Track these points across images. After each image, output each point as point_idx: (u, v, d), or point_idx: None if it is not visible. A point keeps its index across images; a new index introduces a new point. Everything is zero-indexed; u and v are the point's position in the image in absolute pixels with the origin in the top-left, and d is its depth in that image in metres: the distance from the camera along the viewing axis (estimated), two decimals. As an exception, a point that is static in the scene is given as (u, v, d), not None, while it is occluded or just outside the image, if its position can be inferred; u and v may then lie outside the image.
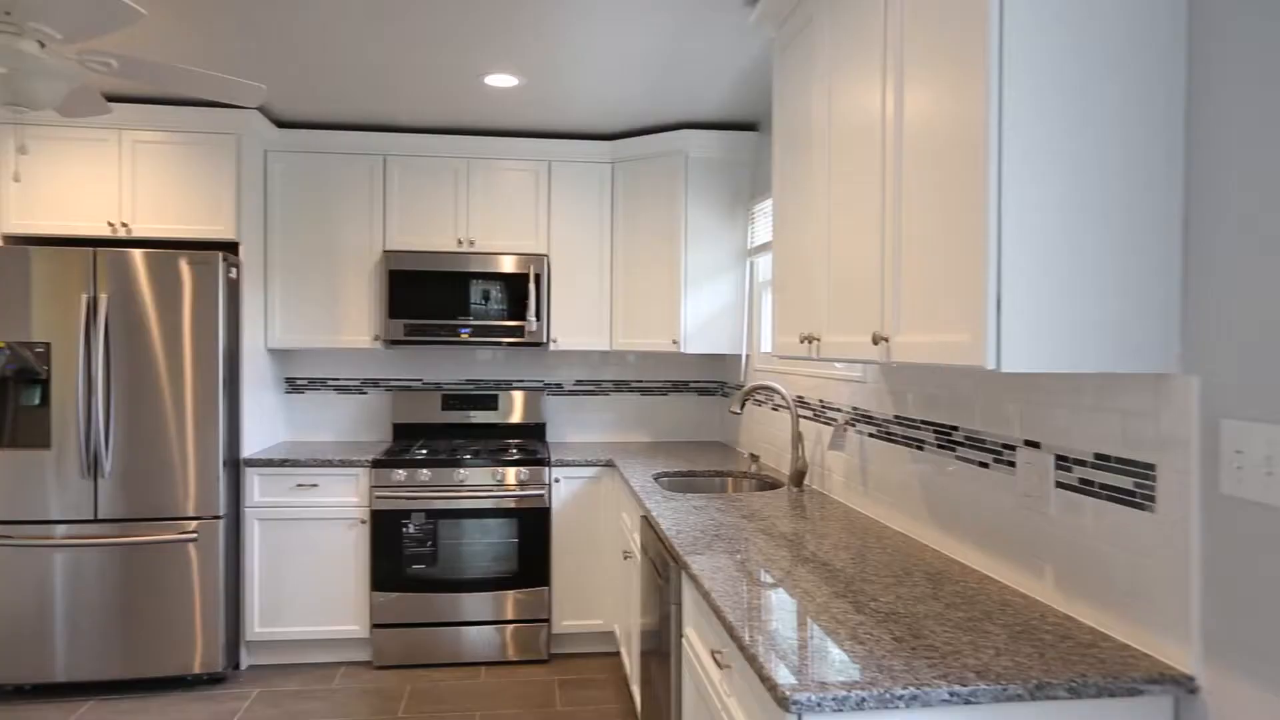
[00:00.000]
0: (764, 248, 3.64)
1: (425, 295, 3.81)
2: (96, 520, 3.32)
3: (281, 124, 3.82)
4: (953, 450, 2.05)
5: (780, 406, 3.44)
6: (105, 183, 3.47)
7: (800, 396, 3.19)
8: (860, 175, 1.83)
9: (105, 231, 3.47)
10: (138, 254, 3.31)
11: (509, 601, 3.67)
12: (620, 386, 4.39)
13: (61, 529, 3.30)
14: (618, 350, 4.07)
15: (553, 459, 3.72)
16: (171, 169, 3.51)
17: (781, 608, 1.63)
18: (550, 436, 4.34)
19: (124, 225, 3.48)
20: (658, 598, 2.46)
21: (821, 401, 2.98)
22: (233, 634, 3.52)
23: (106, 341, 3.30)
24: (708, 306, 3.83)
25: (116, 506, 3.33)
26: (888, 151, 1.68)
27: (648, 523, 2.68)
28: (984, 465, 1.91)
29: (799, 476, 3.00)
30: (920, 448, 2.22)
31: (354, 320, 3.88)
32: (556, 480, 3.71)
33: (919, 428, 2.23)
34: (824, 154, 2.05)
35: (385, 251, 3.84)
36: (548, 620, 3.70)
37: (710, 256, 3.82)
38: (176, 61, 3.03)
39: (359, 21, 2.65)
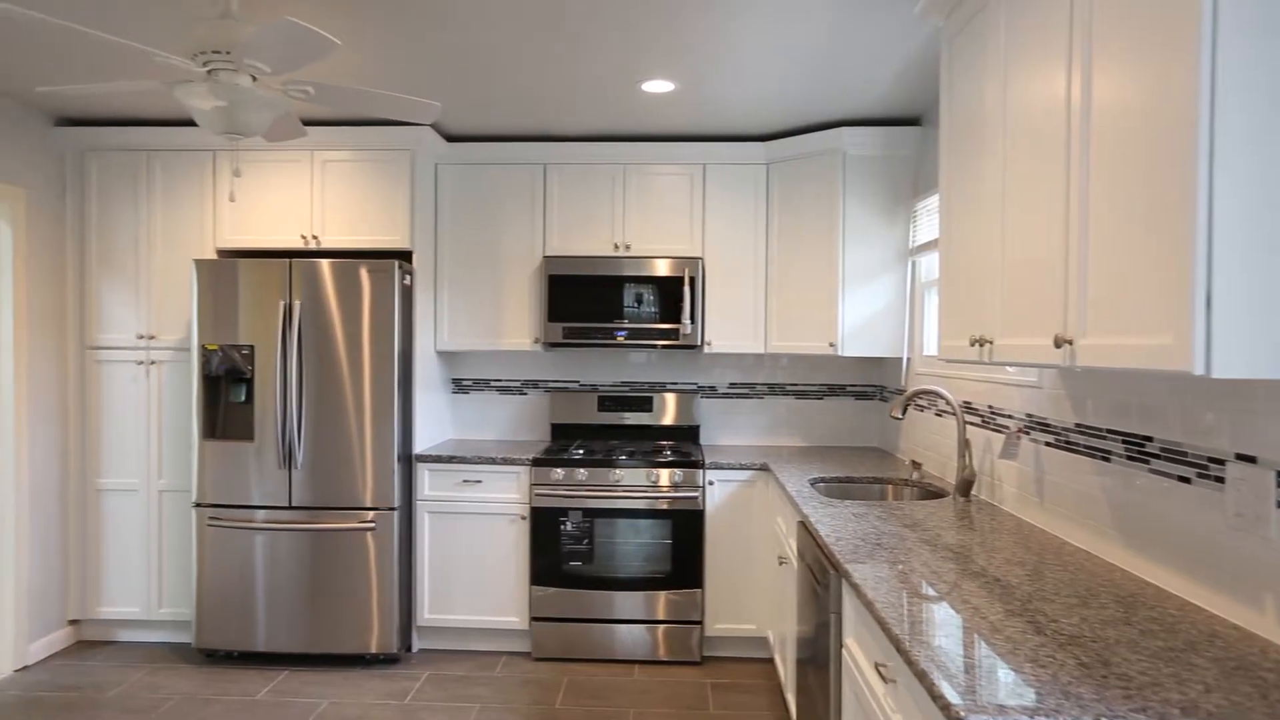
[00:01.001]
0: (928, 246, 3.48)
1: (583, 299, 3.92)
2: (290, 507, 3.64)
3: (451, 138, 4.04)
4: (1145, 463, 1.88)
5: (945, 412, 3.28)
6: (299, 199, 3.81)
7: (967, 402, 3.03)
8: (1039, 166, 1.71)
9: (298, 244, 3.81)
10: (325, 264, 3.60)
11: (661, 602, 3.70)
12: (774, 389, 4.34)
13: (261, 514, 3.65)
14: (772, 353, 4.03)
15: (706, 461, 3.72)
16: (354, 184, 3.80)
17: (950, 623, 1.55)
18: (703, 439, 4.35)
19: (314, 237, 3.80)
20: (815, 605, 2.41)
21: (991, 407, 2.82)
22: (405, 619, 3.76)
23: (299, 344, 3.61)
24: (866, 308, 3.71)
25: (306, 495, 3.63)
26: (1073, 139, 1.56)
27: (805, 528, 2.63)
28: (1184, 480, 1.74)
29: (966, 486, 2.85)
30: (1106, 459, 2.05)
31: (515, 323, 4.05)
32: (710, 483, 3.71)
33: (1105, 437, 2.06)
34: (998, 145, 1.93)
35: (545, 257, 3.99)
36: (700, 623, 3.71)
37: (869, 256, 3.70)
38: (356, 84, 3.27)
39: (524, 38, 2.76)
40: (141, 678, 3.54)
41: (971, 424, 2.98)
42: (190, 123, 3.84)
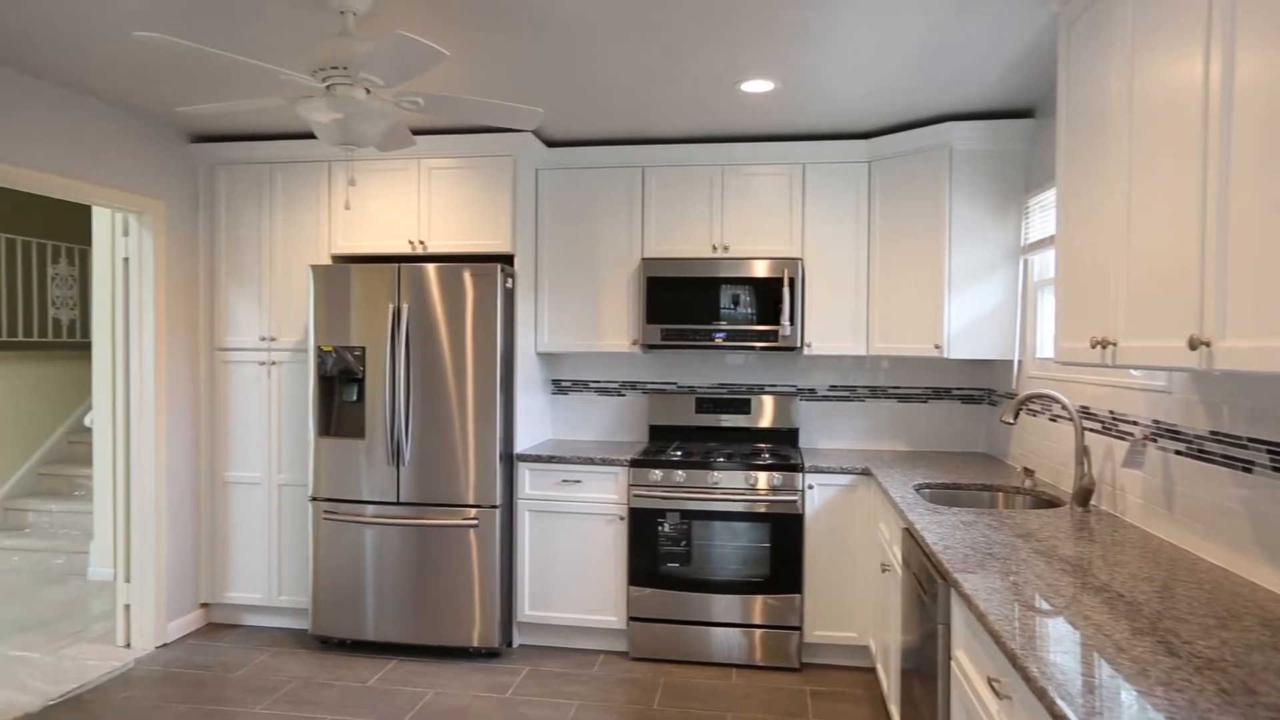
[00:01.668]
0: (1041, 244, 3.33)
1: (681, 301, 3.93)
2: (398, 503, 3.78)
3: (551, 143, 4.12)
4: (1292, 474, 1.74)
5: (1060, 417, 3.13)
6: (406, 206, 3.95)
7: (1085, 406, 2.88)
8: (1170, 155, 1.61)
9: (406, 249, 3.96)
10: (431, 268, 3.73)
11: (759, 606, 3.66)
12: (876, 392, 4.23)
13: (371, 509, 3.80)
14: (873, 355, 3.93)
15: (806, 465, 3.66)
16: (459, 191, 3.92)
17: (1068, 640, 1.47)
18: (802, 442, 4.29)
19: (421, 243, 3.94)
20: (921, 615, 2.33)
21: (1112, 413, 2.66)
22: (506, 614, 3.85)
23: (407, 346, 3.75)
24: (974, 309, 3.57)
25: (413, 491, 3.77)
26: (1210, 125, 1.46)
27: (910, 535, 2.55)
28: (1338, 494, 1.60)
29: (1084, 495, 2.70)
30: (1248, 469, 1.90)
31: (614, 325, 4.09)
32: (810, 487, 3.65)
33: (1246, 446, 1.92)
34: (1123, 134, 1.83)
35: (643, 259, 4.01)
36: (799, 628, 3.65)
37: (977, 255, 3.56)
38: (461, 93, 3.38)
39: (622, 42, 2.79)
40: (264, 660, 3.75)
41: (1090, 430, 2.83)
42: (308, 135, 4.05)
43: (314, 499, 3.84)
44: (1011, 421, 2.95)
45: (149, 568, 3.86)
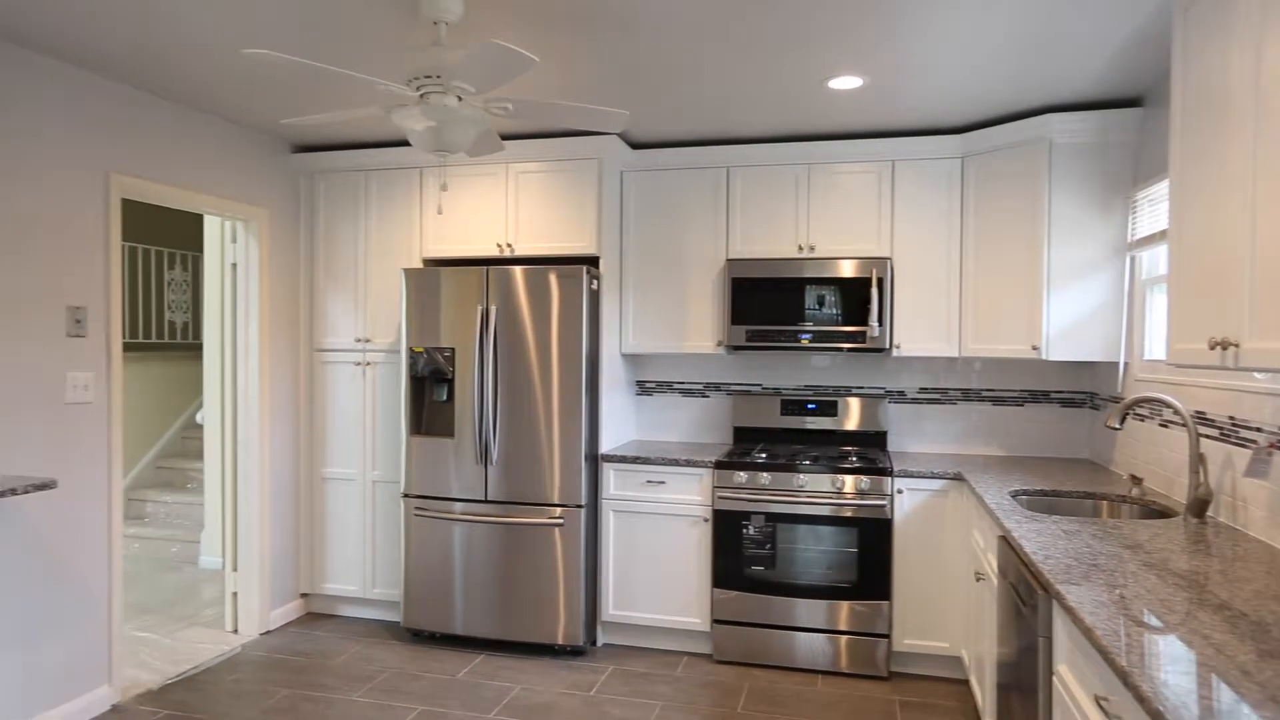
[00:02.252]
0: (1151, 239, 3.15)
1: (766, 301, 3.89)
2: (486, 501, 3.86)
3: (635, 145, 4.14)
4: None
5: (1172, 422, 2.96)
6: (494, 210, 4.04)
7: (1200, 412, 2.71)
8: (1303, 144, 1.50)
9: (494, 252, 4.04)
10: (518, 270, 3.80)
11: (845, 612, 3.59)
12: (968, 395, 4.09)
13: (459, 506, 3.90)
14: (965, 357, 3.80)
15: (895, 469, 3.57)
16: (545, 194, 3.98)
17: (1184, 660, 1.39)
18: (891, 445, 4.18)
19: (508, 246, 4.02)
20: (1019, 627, 2.24)
21: (1232, 419, 2.50)
22: (591, 613, 3.89)
23: (495, 347, 3.83)
24: (1075, 308, 3.41)
25: (500, 490, 3.84)
26: (1348, 112, 1.35)
27: (1006, 544, 2.45)
28: None
29: (1199, 506, 2.55)
30: (1388, 481, 1.76)
31: (698, 326, 4.08)
32: (899, 491, 3.56)
33: (1386, 456, 1.77)
34: (1247, 122, 1.71)
35: (728, 260, 3.99)
36: (887, 636, 3.56)
37: (1079, 252, 3.41)
38: (548, 98, 3.43)
39: (708, 42, 2.78)
40: (359, 650, 3.89)
41: (1207, 436, 2.67)
42: (401, 143, 4.18)
43: (406, 495, 3.96)
44: (1118, 427, 2.81)
45: (254, 558, 4.05)
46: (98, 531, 3.23)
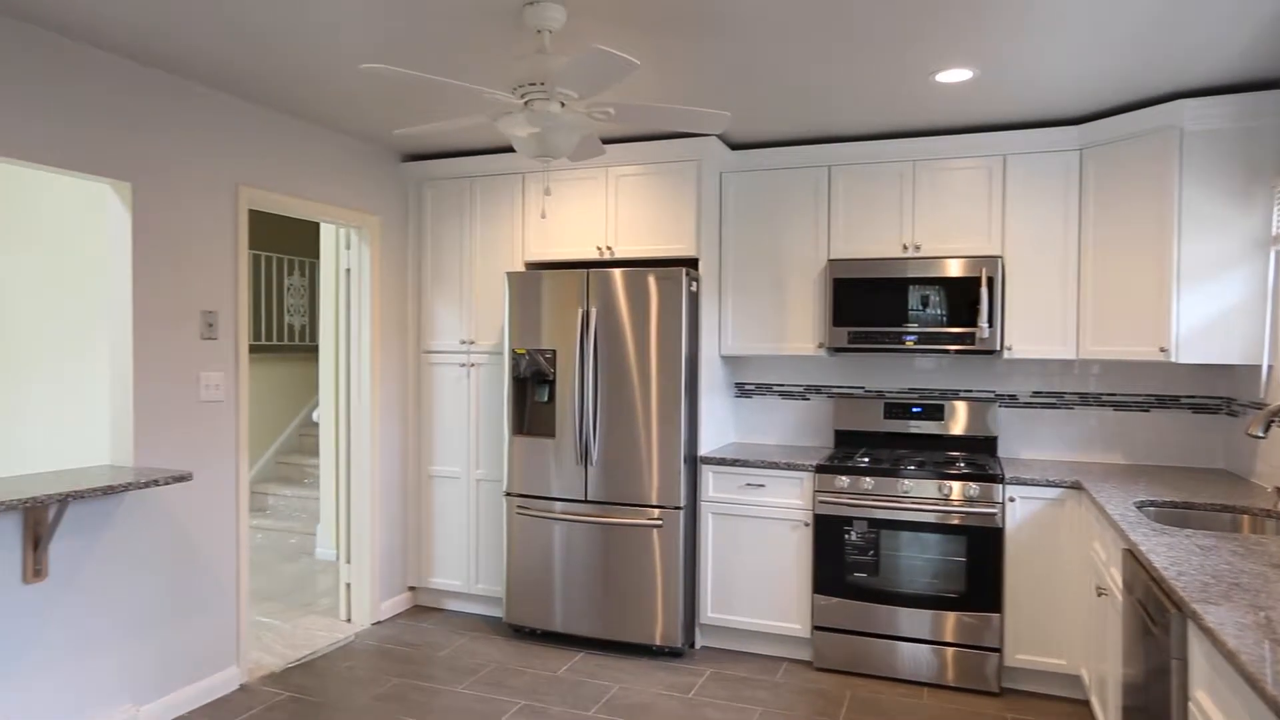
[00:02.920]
0: (1295, 232, 2.91)
1: (869, 302, 3.79)
2: (585, 501, 3.91)
3: (734, 146, 4.11)
4: None
5: (1321, 431, 2.72)
6: (594, 213, 4.09)
7: (1356, 420, 2.49)
8: None
9: (594, 255, 4.09)
10: (618, 273, 3.83)
11: (952, 623, 3.46)
12: (1086, 399, 3.88)
13: (559, 505, 3.96)
14: (1084, 359, 3.60)
15: (1006, 476, 3.42)
16: (644, 197, 4.00)
17: (1352, 690, 1.27)
18: (1001, 451, 4.01)
19: (608, 248, 4.06)
20: (1148, 647, 2.11)
21: (1394, 428, 2.28)
22: (689, 615, 3.88)
23: (595, 349, 3.88)
24: (1209, 308, 3.19)
25: (599, 490, 3.88)
26: None
27: (1132, 558, 2.31)
28: None
29: (1355, 523, 2.33)
30: None
31: (798, 328, 4.02)
32: (1011, 499, 3.41)
33: None
34: None
35: (829, 260, 3.91)
36: (998, 650, 3.41)
37: (1214, 248, 3.18)
38: (648, 101, 3.44)
39: (808, 39, 2.73)
40: (464, 643, 4.00)
41: (1363, 447, 2.44)
42: (505, 149, 4.29)
43: (508, 494, 4.06)
44: (1261, 435, 2.61)
45: (365, 551, 4.23)
46: (227, 521, 3.44)
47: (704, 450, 3.99)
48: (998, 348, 3.65)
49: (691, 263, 4.03)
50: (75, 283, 4.50)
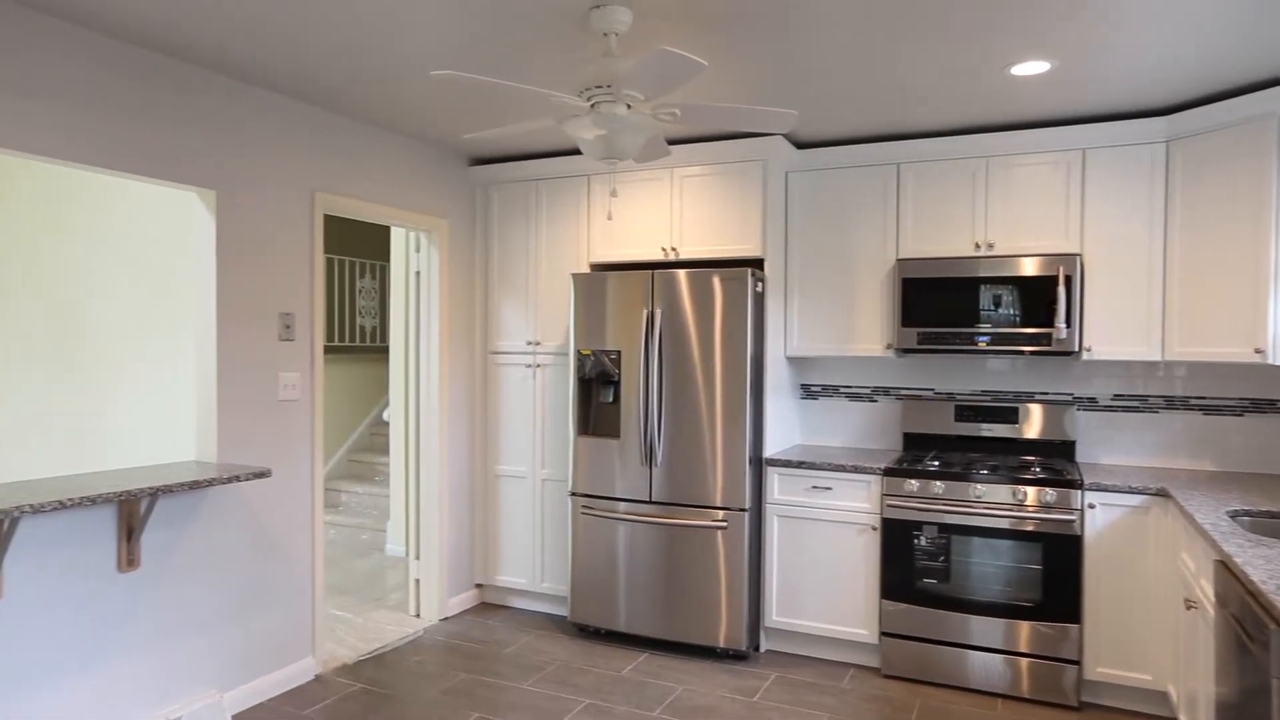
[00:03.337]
0: (1405, 226, 2.73)
1: (939, 302, 3.71)
2: (650, 502, 3.92)
3: (800, 145, 4.07)
4: None
5: None
6: (659, 214, 4.09)
7: None
8: None
9: (659, 256, 4.09)
10: (682, 274, 3.82)
11: (1026, 632, 3.36)
12: (1172, 403, 3.72)
13: (624, 506, 3.97)
14: (1169, 360, 3.45)
15: (1086, 481, 3.30)
16: (709, 197, 3.99)
17: None
18: (1080, 456, 3.87)
19: (673, 249, 4.06)
20: (1244, 664, 2.01)
21: None
22: (754, 618, 3.85)
23: (660, 350, 3.88)
24: (1308, 306, 3.02)
25: (664, 491, 3.88)
26: None
27: (1225, 569, 2.20)
28: None
29: None
30: None
31: (866, 329, 3.95)
32: (1091, 506, 3.29)
33: None
34: None
35: (898, 260, 3.83)
36: (1077, 662, 3.29)
37: (1313, 243, 3.01)
38: (713, 101, 3.43)
39: (879, 36, 2.68)
40: (529, 641, 4.05)
41: None
42: (570, 152, 4.32)
43: (573, 494, 4.09)
44: (1365, 441, 2.45)
45: (434, 548, 4.32)
46: (303, 517, 3.55)
47: (769, 452, 3.95)
48: (1076, 349, 3.52)
49: (757, 263, 4.00)
50: (163, 287, 4.71)
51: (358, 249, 7.61)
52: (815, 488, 3.77)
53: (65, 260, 5.27)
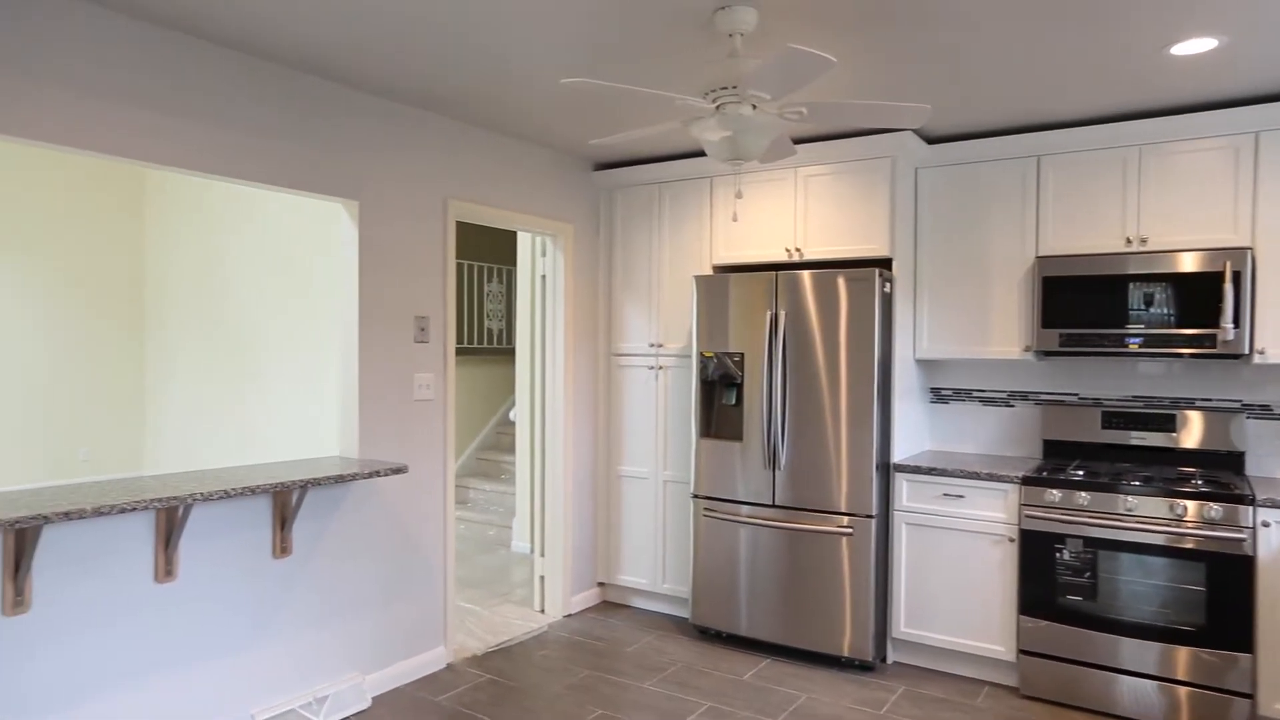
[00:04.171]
0: None
1: (1083, 302, 3.48)
2: (773, 505, 3.86)
3: (931, 140, 3.92)
4: None
5: None
6: (783, 215, 4.04)
7: None
8: None
9: (783, 257, 4.04)
10: (806, 275, 3.75)
11: (1186, 659, 3.10)
12: (1360, 412, 3.35)
13: (746, 509, 3.94)
14: (1359, 364, 3.11)
15: (1259, 497, 3.02)
16: (834, 196, 3.90)
17: None
18: (1250, 469, 3.54)
19: (797, 250, 3.99)
20: None
21: None
22: (880, 628, 3.73)
23: (784, 352, 3.82)
24: None
25: (787, 495, 3.82)
26: None
27: None
28: None
29: None
30: None
31: (1001, 330, 3.76)
32: (1265, 524, 3.00)
33: None
34: None
35: (1038, 257, 3.63)
36: (1250, 696, 3.01)
37: None
38: (838, 98, 3.35)
39: (1020, 21, 2.54)
40: (650, 641, 4.08)
41: None
42: (692, 154, 4.33)
43: (695, 496, 4.09)
44: None
45: (558, 546, 4.42)
46: (436, 512, 3.71)
47: (897, 457, 3.82)
48: (1245, 351, 3.22)
49: (884, 263, 3.88)
50: (305, 292, 5.04)
51: (485, 254, 7.90)
52: (947, 495, 3.62)
53: (225, 273, 5.71)
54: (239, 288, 5.58)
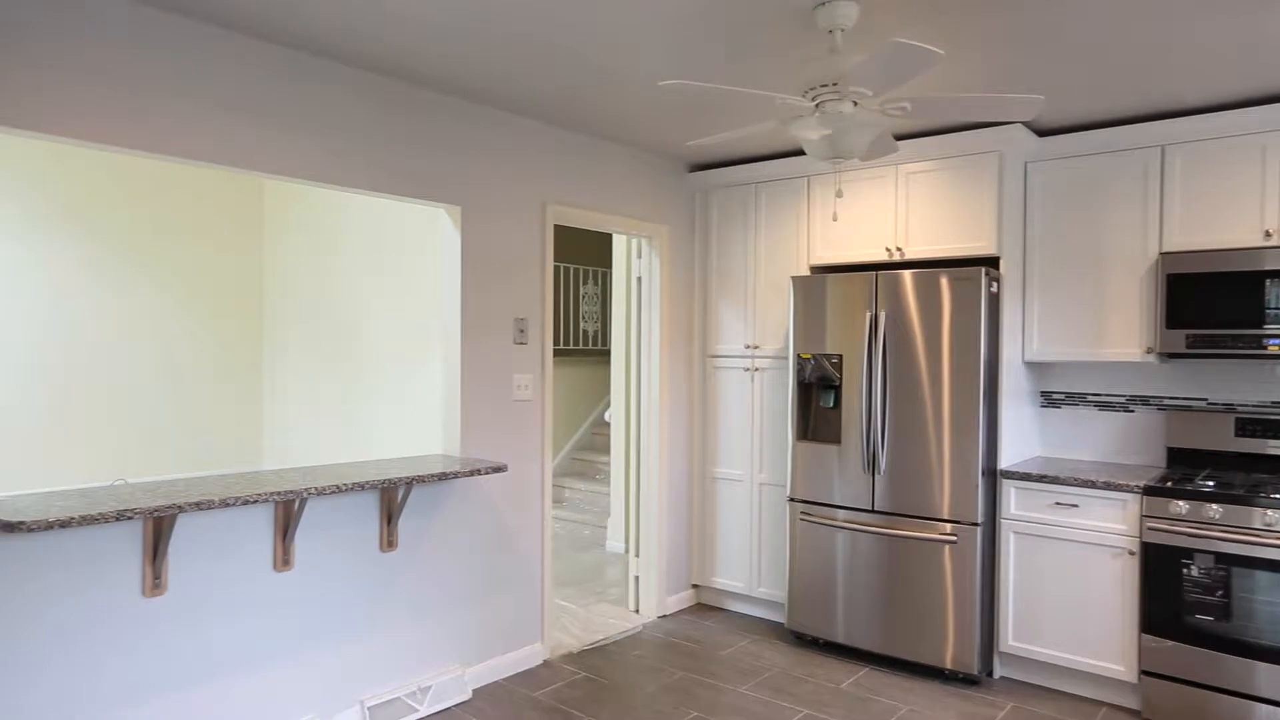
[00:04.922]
0: None
1: (1213, 300, 3.26)
2: (872, 510, 3.77)
3: (1041, 133, 3.74)
4: None
5: None
6: (883, 213, 3.94)
7: None
8: None
9: (882, 256, 3.94)
10: (907, 274, 3.65)
11: (1336, 689, 2.85)
12: None
13: (843, 514, 3.86)
14: None
15: None
16: (937, 193, 3.77)
17: None
18: (1404, 482, 3.24)
19: (898, 249, 3.88)
20: None
21: None
22: (986, 641, 3.59)
23: (884, 354, 3.73)
24: None
25: (886, 501, 3.72)
26: None
27: None
28: None
29: None
30: None
31: (1119, 331, 3.56)
32: None
33: None
34: None
35: (1162, 254, 3.42)
36: (1404, 730, 2.76)
37: None
38: (941, 92, 3.24)
39: (1146, 1, 2.40)
40: (745, 645, 4.04)
41: None
42: (788, 154, 4.28)
43: (791, 500, 4.03)
44: None
45: (652, 547, 4.43)
46: (533, 510, 3.78)
47: (1004, 464, 3.67)
48: (1401, 354, 2.95)
49: (990, 261, 3.73)
50: (414, 296, 5.22)
51: (581, 256, 8.01)
52: (1059, 504, 3.44)
53: (335, 279, 5.99)
54: (348, 292, 5.85)
